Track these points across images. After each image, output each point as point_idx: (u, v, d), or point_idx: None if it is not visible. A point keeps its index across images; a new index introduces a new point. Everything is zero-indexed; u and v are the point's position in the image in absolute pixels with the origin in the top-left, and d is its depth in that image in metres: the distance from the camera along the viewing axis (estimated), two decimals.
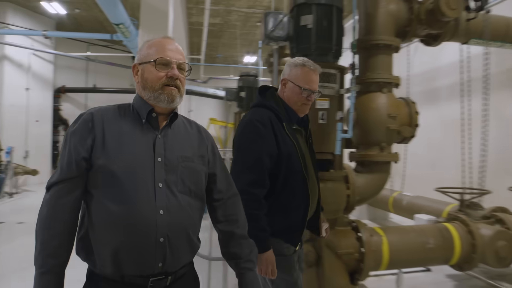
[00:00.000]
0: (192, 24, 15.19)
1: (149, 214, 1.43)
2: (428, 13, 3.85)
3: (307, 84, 2.15)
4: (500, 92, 6.69)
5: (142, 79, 1.54)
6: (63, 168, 1.45)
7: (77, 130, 1.46)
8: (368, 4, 3.89)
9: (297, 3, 3.40)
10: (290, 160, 2.10)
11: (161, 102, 1.51)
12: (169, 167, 1.50)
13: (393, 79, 3.83)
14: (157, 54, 1.51)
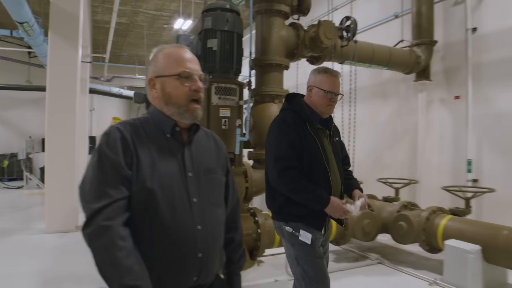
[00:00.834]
0: (97, 22, 14.96)
1: (189, 230, 1.42)
2: (311, 40, 4.79)
3: (330, 87, 2.42)
4: (374, 101, 8.08)
5: (163, 94, 1.48)
6: (109, 189, 1.34)
7: (114, 148, 1.38)
8: (264, 30, 4.71)
9: (204, 28, 4.07)
10: (312, 154, 2.34)
11: (185, 119, 1.49)
12: (199, 181, 1.49)
13: (283, 92, 4.70)
14: (179, 67, 1.46)
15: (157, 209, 1.38)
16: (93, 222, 1.30)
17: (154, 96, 1.51)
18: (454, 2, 6.61)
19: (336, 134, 2.63)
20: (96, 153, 1.40)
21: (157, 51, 1.53)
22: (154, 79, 1.49)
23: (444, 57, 6.77)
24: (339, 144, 2.62)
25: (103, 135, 1.44)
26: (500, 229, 4.12)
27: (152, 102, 1.54)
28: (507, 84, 5.78)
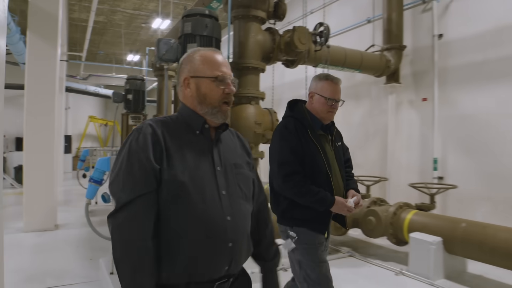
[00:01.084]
0: (74, 20, 14.84)
1: (220, 221, 1.48)
2: (286, 44, 5.03)
3: (331, 94, 2.47)
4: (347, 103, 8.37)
5: (198, 94, 1.54)
6: (137, 183, 1.40)
7: (143, 143, 1.43)
8: (241, 34, 4.91)
9: (184, 32, 4.25)
10: (313, 159, 2.41)
11: (217, 118, 1.56)
12: (227, 175, 1.56)
13: (259, 94, 4.92)
14: (216, 70, 1.54)
15: (189, 201, 1.43)
16: (119, 215, 1.38)
17: (188, 95, 1.57)
18: (422, 9, 6.97)
19: (339, 139, 2.69)
20: (126, 148, 1.46)
21: (192, 52, 1.60)
22: (189, 78, 1.55)
23: (412, 61, 7.13)
24: (341, 149, 2.68)
25: (134, 131, 1.49)
26: (459, 222, 4.46)
27: (183, 100, 1.60)
28: (470, 88, 6.16)
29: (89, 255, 5.24)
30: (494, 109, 5.84)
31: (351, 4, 8.53)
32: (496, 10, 5.79)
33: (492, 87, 5.85)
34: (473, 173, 6.12)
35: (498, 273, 4.41)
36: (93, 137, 23.68)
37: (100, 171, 3.98)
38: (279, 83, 9.69)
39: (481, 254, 4.24)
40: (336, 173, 2.51)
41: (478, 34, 6.05)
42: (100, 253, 5.07)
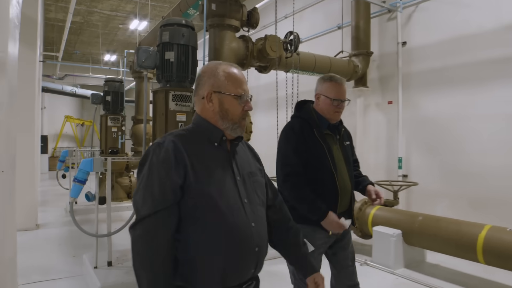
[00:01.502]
0: (49, 20, 14.83)
1: (246, 228, 1.56)
2: (258, 51, 5.36)
3: (336, 95, 2.49)
4: None
5: (221, 109, 1.60)
6: (155, 198, 1.46)
7: (165, 159, 1.49)
8: (216, 42, 5.22)
9: (162, 41, 4.51)
10: (318, 159, 2.45)
11: (235, 132, 1.64)
12: (246, 184, 1.64)
13: None
14: (239, 88, 1.61)
15: (218, 211, 1.50)
16: (137, 227, 1.45)
17: (209, 109, 1.61)
18: (388, 18, 7.42)
19: (347, 138, 2.71)
20: (147, 163, 1.52)
21: (215, 66, 1.65)
22: (213, 93, 1.60)
23: (379, 67, 7.58)
24: (350, 148, 2.70)
25: (155, 146, 1.54)
26: (417, 216, 4.89)
27: (202, 113, 1.65)
28: (431, 92, 6.64)
29: (72, 253, 5.47)
30: (452, 112, 6.32)
31: (323, 11, 8.93)
32: (453, 21, 6.27)
33: (450, 92, 6.33)
34: (434, 171, 6.60)
35: (455, 262, 4.85)
36: (70, 137, 23.54)
37: (84, 172, 4.22)
38: (254, 85, 10.04)
39: (435, 244, 4.68)
40: (342, 172, 2.53)
41: (437, 43, 6.52)
42: (83, 250, 5.29)
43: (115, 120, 9.01)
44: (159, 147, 1.52)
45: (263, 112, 10.05)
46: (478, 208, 5.78)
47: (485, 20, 5.86)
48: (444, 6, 6.45)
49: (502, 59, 5.66)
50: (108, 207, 4.39)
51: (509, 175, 5.50)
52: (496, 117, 5.72)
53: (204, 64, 1.94)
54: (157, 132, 4.63)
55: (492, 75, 5.79)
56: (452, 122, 6.32)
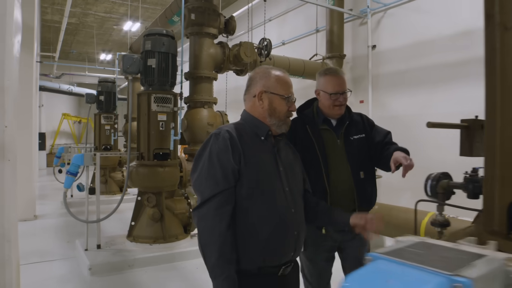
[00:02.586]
0: (46, 21, 15.32)
1: (288, 212, 1.75)
2: (234, 56, 5.94)
3: (333, 88, 2.38)
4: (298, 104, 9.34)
5: (270, 107, 1.81)
6: (218, 180, 1.65)
7: (224, 146, 1.68)
8: (196, 48, 5.79)
9: (145, 49, 5.09)
10: (306, 153, 2.31)
11: (281, 129, 1.84)
12: (287, 174, 1.83)
13: (212, 99, 5.82)
14: (287, 91, 1.82)
15: (265, 195, 1.70)
16: (203, 207, 1.64)
17: (258, 106, 1.84)
18: (360, 22, 7.99)
19: (356, 132, 2.48)
20: (207, 151, 1.72)
21: (267, 69, 1.87)
22: (264, 93, 1.81)
23: (352, 68, 8.15)
24: (360, 142, 2.46)
25: (213, 135, 1.75)
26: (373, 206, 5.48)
27: (250, 110, 1.88)
28: (397, 92, 7.22)
29: (67, 239, 6.05)
30: (416, 111, 6.89)
31: (303, 14, 9.48)
32: (415, 27, 6.84)
33: (413, 92, 6.91)
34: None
35: None
36: (67, 134, 24.05)
37: (76, 165, 4.80)
38: (230, 87, 10.60)
39: (389, 231, 5.27)
40: (339, 170, 2.38)
41: (402, 46, 7.10)
42: (76, 237, 5.85)
43: (108, 119, 9.59)
44: (217, 137, 1.73)
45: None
46: None
47: (443, 26, 6.43)
48: (408, 12, 7.02)
49: (458, 63, 6.23)
50: (97, 197, 4.97)
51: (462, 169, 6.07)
52: (451, 116, 6.24)
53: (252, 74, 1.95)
54: (141, 130, 5.21)
55: (449, 77, 6.36)
56: (414, 120, 6.89)
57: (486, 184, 1.30)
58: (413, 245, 0.78)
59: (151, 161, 5.11)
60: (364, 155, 2.48)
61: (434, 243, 0.81)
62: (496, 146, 1.27)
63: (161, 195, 5.17)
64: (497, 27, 1.27)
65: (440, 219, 2.01)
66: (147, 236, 5.12)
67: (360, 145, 2.47)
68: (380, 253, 0.68)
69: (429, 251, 0.73)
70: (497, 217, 1.20)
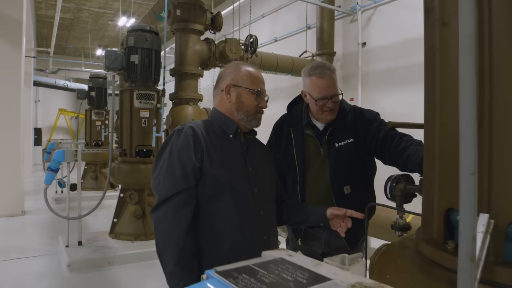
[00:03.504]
0: (41, 16, 15.27)
1: (255, 216, 1.64)
2: (220, 53, 5.89)
3: (320, 93, 2.03)
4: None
5: (237, 101, 1.71)
6: (177, 179, 1.54)
7: (185, 143, 1.57)
8: (181, 44, 5.73)
9: (128, 45, 5.05)
10: (285, 159, 2.16)
11: (251, 124, 1.74)
12: (257, 174, 1.72)
13: (197, 96, 5.77)
14: (257, 86, 1.72)
15: (230, 197, 1.59)
16: (160, 209, 1.53)
17: (226, 101, 1.74)
18: (350, 20, 7.94)
19: (342, 137, 2.10)
20: (168, 147, 1.62)
21: (237, 64, 1.80)
22: (232, 86, 1.72)
23: (342, 66, 8.11)
24: (349, 148, 2.10)
25: (175, 131, 1.66)
26: None
27: (218, 106, 1.79)
28: (386, 91, 7.18)
29: (51, 235, 6.02)
30: (405, 109, 6.84)
31: (296, 11, 9.42)
32: (404, 25, 6.79)
33: (402, 91, 6.87)
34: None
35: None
36: (64, 130, 24.02)
37: (56, 161, 4.77)
38: None
39: (373, 230, 5.23)
40: (315, 182, 2.12)
41: (391, 44, 7.05)
42: (61, 233, 5.83)
43: (99, 114, 9.56)
44: (179, 133, 1.63)
45: None
46: None
47: None
48: (398, 9, 6.96)
49: None
50: (78, 193, 4.94)
51: None
52: None
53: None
54: (124, 126, 5.18)
55: None
56: (403, 119, 6.71)
57: (425, 191, 1.25)
58: (263, 263, 0.73)
59: (133, 158, 5.08)
60: (351, 165, 2.11)
61: (292, 261, 0.77)
62: (435, 150, 1.23)
63: (143, 192, 5.15)
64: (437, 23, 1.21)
65: (401, 222, 1.97)
66: (128, 233, 5.10)
67: (347, 153, 2.10)
68: (217, 272, 0.64)
69: (275, 271, 0.68)
70: (435, 225, 1.16)
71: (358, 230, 1.99)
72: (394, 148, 2.03)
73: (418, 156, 1.87)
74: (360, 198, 2.10)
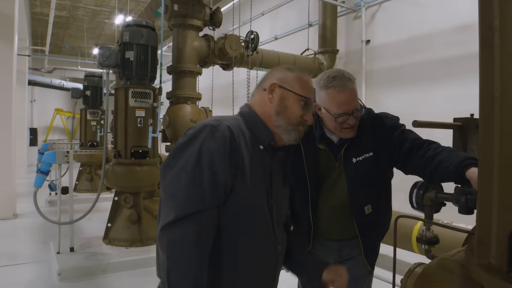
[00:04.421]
0: (36, 14, 15.02)
1: (274, 251, 1.41)
2: (219, 50, 5.64)
3: (339, 108, 1.78)
4: None
5: (280, 103, 1.40)
6: (205, 193, 1.21)
7: (221, 148, 1.24)
8: (179, 41, 5.48)
9: (123, 41, 4.80)
10: (294, 173, 1.81)
11: (289, 136, 1.42)
12: (277, 199, 1.44)
13: (195, 95, 5.52)
14: (306, 93, 1.43)
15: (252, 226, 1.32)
16: (178, 228, 1.18)
17: (266, 100, 1.43)
18: (354, 16, 7.70)
19: (360, 151, 1.88)
20: (197, 145, 1.24)
21: (287, 67, 1.52)
22: (277, 86, 1.42)
23: (345, 64, 7.87)
24: (369, 162, 1.89)
25: (208, 128, 1.27)
26: None
27: (256, 105, 1.46)
28: (391, 89, 6.94)
29: (43, 240, 5.76)
30: (410, 109, 6.61)
31: (296, 8, 9.19)
32: (410, 21, 6.56)
33: (407, 89, 6.64)
34: None
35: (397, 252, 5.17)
36: (61, 130, 23.74)
37: (47, 163, 4.51)
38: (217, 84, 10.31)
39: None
40: (331, 202, 1.91)
41: (396, 41, 6.82)
42: (53, 237, 5.58)
43: (94, 114, 9.30)
44: (213, 131, 1.26)
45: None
46: None
47: (440, 20, 6.15)
48: (403, 5, 6.73)
49: (455, 59, 5.96)
50: (71, 197, 4.68)
51: None
52: (447, 114, 5.96)
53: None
54: (118, 126, 4.93)
55: (445, 74, 6.08)
56: (409, 118, 6.45)
57: (481, 205, 1.01)
58: None
59: (128, 159, 4.83)
60: (371, 181, 1.88)
61: None
62: (494, 154, 0.98)
63: (139, 196, 4.89)
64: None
65: (428, 235, 1.73)
66: (123, 239, 4.85)
67: (366, 169, 1.87)
68: None
69: None
70: (494, 248, 0.91)
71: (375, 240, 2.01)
72: (419, 156, 1.80)
73: (453, 161, 1.61)
74: (380, 215, 1.97)
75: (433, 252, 1.72)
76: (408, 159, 1.85)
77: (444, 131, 2.23)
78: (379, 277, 4.29)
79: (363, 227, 1.90)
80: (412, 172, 1.89)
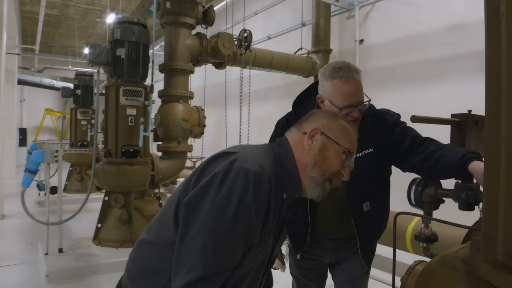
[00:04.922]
0: (26, 13, 14.83)
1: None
2: (212, 48, 5.57)
3: (344, 100, 1.73)
4: (285, 100, 9.05)
5: (320, 154, 1.27)
6: (234, 259, 1.11)
7: (262, 206, 1.12)
8: (171, 39, 5.41)
9: (114, 38, 4.71)
10: None
11: (312, 191, 1.29)
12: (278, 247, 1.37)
13: (187, 93, 5.45)
14: (350, 146, 1.32)
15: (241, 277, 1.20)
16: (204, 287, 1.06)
17: (305, 147, 1.30)
18: (347, 16, 7.68)
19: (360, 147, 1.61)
20: (237, 194, 1.09)
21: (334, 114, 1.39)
22: (320, 133, 1.30)
23: None
24: (370, 157, 1.86)
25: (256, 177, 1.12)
26: None
27: (296, 149, 1.31)
28: (384, 89, 6.92)
29: (31, 241, 5.65)
30: (404, 108, 6.51)
31: (290, 8, 9.15)
32: (404, 21, 6.55)
33: (402, 89, 6.62)
34: None
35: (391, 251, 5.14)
36: (51, 130, 23.48)
37: (35, 163, 4.41)
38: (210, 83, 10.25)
39: None
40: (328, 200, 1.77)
41: (390, 41, 6.80)
42: (42, 238, 5.47)
43: (84, 113, 9.17)
44: (260, 181, 1.12)
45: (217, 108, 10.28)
46: None
47: (434, 20, 6.14)
48: (397, 5, 6.72)
49: (449, 58, 5.95)
50: (59, 197, 4.58)
51: None
52: (441, 113, 5.97)
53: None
54: (109, 125, 4.84)
55: (439, 73, 6.07)
56: (403, 117, 6.57)
57: (487, 200, 0.96)
58: None
59: (119, 158, 4.73)
60: (370, 178, 1.84)
61: None
62: (501, 147, 0.93)
63: (129, 195, 4.79)
64: None
65: (426, 232, 1.69)
66: (113, 240, 4.75)
67: (366, 165, 1.80)
68: None
69: None
70: (501, 244, 0.87)
71: (373, 239, 2.00)
72: (419, 152, 1.79)
73: (454, 155, 1.58)
74: (378, 212, 1.96)
75: (431, 250, 1.67)
76: (408, 156, 1.83)
77: (442, 129, 2.19)
78: (374, 277, 4.25)
79: (361, 225, 1.88)
80: (410, 169, 1.86)
